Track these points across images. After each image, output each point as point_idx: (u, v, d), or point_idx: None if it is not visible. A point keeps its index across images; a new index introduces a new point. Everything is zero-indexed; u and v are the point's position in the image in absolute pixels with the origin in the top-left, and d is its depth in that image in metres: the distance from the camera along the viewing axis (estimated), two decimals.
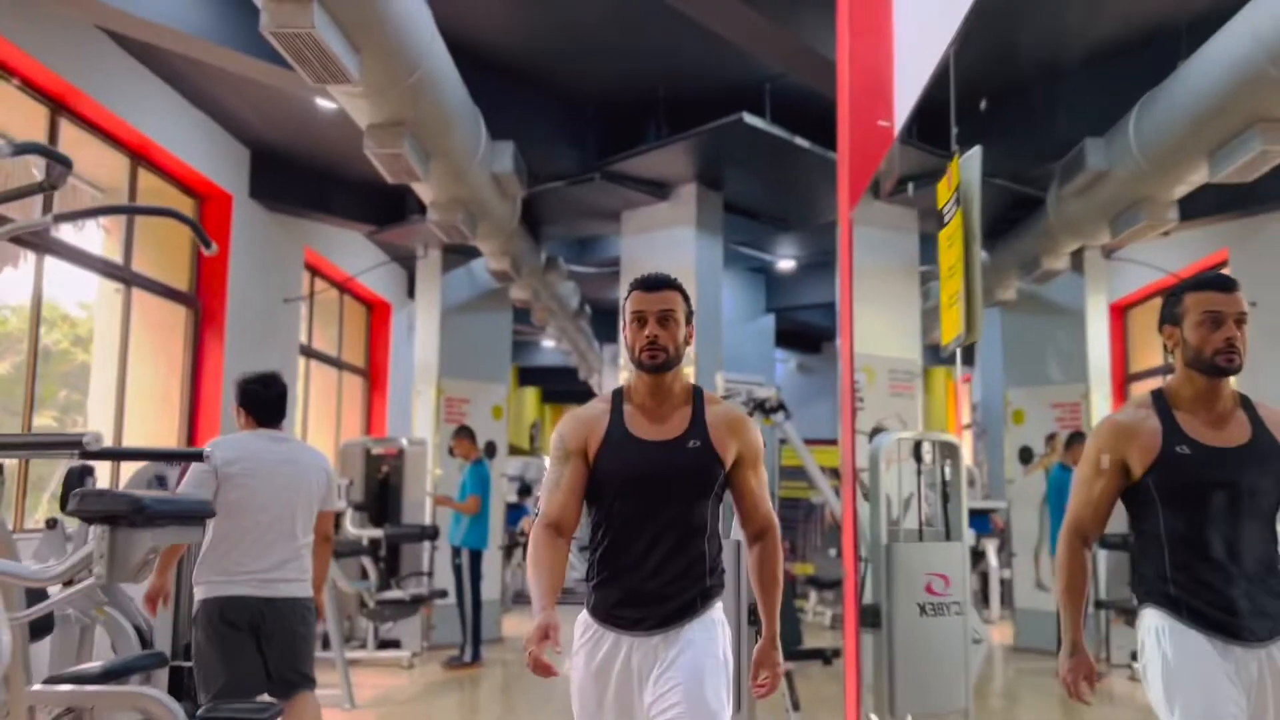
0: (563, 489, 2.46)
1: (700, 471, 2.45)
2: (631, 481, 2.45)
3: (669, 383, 2.50)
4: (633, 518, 2.44)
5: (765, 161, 7.54)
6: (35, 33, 5.43)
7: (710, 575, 2.47)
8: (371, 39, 4.10)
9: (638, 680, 2.42)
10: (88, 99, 6.00)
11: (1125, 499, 2.48)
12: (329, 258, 9.75)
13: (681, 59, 6.81)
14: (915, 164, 7.30)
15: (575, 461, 2.48)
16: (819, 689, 6.56)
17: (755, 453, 2.54)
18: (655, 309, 2.46)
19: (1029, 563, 8.66)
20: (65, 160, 2.97)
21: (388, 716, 6.18)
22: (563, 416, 2.68)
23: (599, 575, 2.48)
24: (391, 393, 11.66)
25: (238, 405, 3.94)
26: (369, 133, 4.97)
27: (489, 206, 6.66)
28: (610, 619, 2.46)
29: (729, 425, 2.50)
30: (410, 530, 8.16)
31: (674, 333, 2.47)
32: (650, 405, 2.51)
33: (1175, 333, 2.43)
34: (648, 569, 2.42)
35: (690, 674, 2.36)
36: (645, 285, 2.51)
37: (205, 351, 7.66)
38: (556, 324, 11.33)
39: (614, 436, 2.48)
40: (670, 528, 2.42)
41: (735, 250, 10.86)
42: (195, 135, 7.27)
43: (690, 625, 2.42)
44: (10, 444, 2.89)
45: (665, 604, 2.42)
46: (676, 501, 2.43)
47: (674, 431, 2.47)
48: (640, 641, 2.42)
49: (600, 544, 2.48)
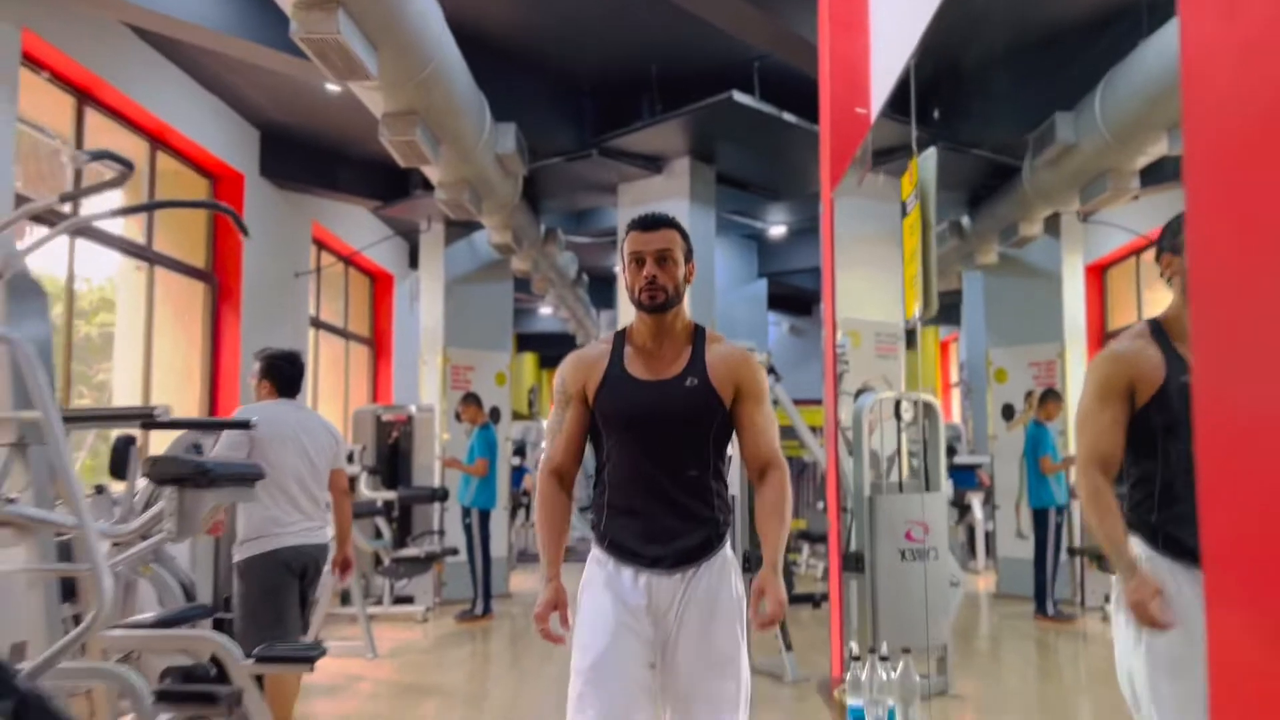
0: (564, 433, 2.49)
1: (697, 410, 2.42)
2: (629, 422, 2.43)
3: (670, 322, 2.47)
4: (635, 458, 2.43)
5: (755, 135, 7.87)
6: (64, 29, 5.75)
7: (717, 513, 2.45)
8: (389, 39, 4.45)
9: (651, 615, 2.41)
10: (111, 88, 6.32)
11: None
12: (335, 232, 10.10)
13: (673, 39, 7.13)
14: (900, 137, 7.64)
15: (576, 404, 2.49)
16: (810, 633, 7.00)
17: (757, 389, 2.48)
18: (653, 249, 2.44)
19: (1011, 514, 9.10)
20: (129, 164, 3.34)
21: (406, 665, 6.61)
22: (565, 358, 2.55)
23: (607, 515, 2.48)
24: (396, 360, 12.05)
25: (261, 377, 4.32)
26: (384, 121, 5.32)
27: (493, 184, 7.02)
28: (625, 555, 2.45)
29: (728, 363, 2.46)
30: (421, 492, 8.57)
31: (672, 272, 2.44)
32: (651, 346, 2.49)
33: (1175, 261, 2.35)
34: (654, 508, 2.41)
35: (706, 617, 2.38)
36: (642, 225, 2.48)
37: (223, 325, 8.02)
38: (555, 292, 11.70)
39: (612, 377, 2.47)
40: (672, 467, 2.40)
41: (728, 219, 11.20)
42: (209, 118, 7.60)
43: (703, 566, 2.42)
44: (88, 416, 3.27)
45: (676, 543, 2.41)
46: (675, 440, 2.41)
47: (672, 370, 2.45)
48: (658, 580, 2.41)
49: (606, 484, 2.48)
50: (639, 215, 2.52)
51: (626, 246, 2.48)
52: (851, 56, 4.26)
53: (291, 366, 4.35)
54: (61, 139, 6.17)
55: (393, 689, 5.88)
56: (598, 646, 2.36)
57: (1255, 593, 1.01)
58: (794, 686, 5.76)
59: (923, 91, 7.80)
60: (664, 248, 2.44)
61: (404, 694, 5.77)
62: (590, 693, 2.33)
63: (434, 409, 9.30)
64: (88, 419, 3.20)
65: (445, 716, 5.31)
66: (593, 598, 2.44)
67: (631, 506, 2.43)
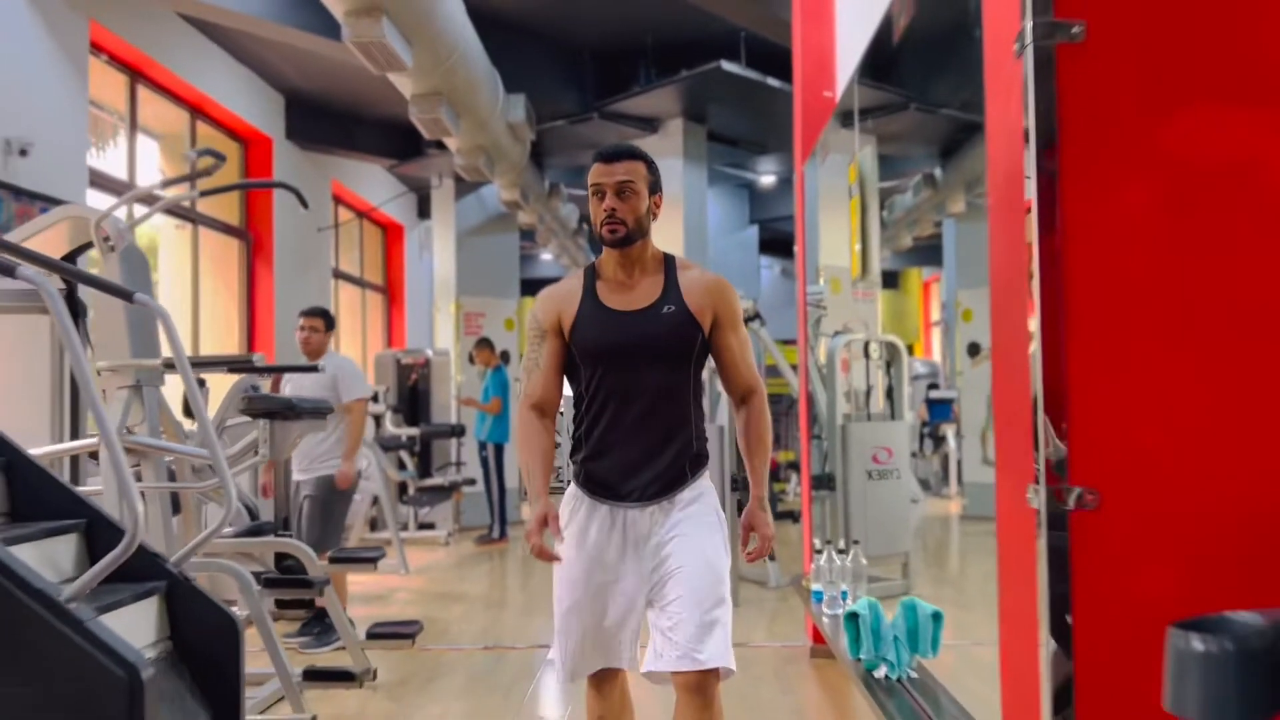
0: (542, 368, 2.46)
1: (676, 336, 2.40)
2: (608, 352, 2.40)
3: (638, 253, 2.43)
4: (613, 389, 2.40)
5: (743, 98, 8.58)
6: (122, 16, 6.42)
7: (696, 442, 2.45)
8: (422, 35, 5.14)
9: (633, 552, 2.41)
10: (158, 65, 7.01)
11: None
12: (351, 188, 10.80)
13: (667, 11, 7.80)
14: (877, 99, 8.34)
15: (551, 339, 2.46)
16: (794, 548, 7.86)
17: (733, 314, 2.47)
18: (613, 180, 2.38)
19: (976, 444, 9.93)
20: (221, 156, 4.09)
21: (435, 579, 7.48)
22: (538, 295, 2.59)
23: (585, 450, 2.46)
24: (408, 306, 12.82)
25: (326, 330, 5.13)
26: (413, 101, 6.03)
27: (505, 149, 7.74)
28: (600, 492, 2.44)
29: (705, 288, 2.43)
30: (441, 428, 9.41)
31: (633, 204, 2.38)
32: (622, 277, 2.45)
33: None
34: (633, 440, 2.40)
35: (689, 538, 2.37)
36: (603, 157, 2.42)
37: (257, 278, 8.78)
38: (557, 242, 12.42)
39: (587, 310, 2.43)
40: (651, 397, 2.40)
41: (720, 171, 11.91)
42: (240, 88, 8.27)
43: (681, 493, 2.42)
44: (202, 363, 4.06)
45: (654, 473, 2.40)
46: (655, 369, 2.40)
47: (647, 299, 2.42)
48: (634, 513, 2.41)
49: (584, 418, 2.46)
50: (603, 147, 2.48)
51: (590, 178, 2.43)
52: (819, 47, 4.98)
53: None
54: (119, 115, 6.88)
55: (426, 597, 6.75)
56: (574, 598, 2.45)
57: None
58: (777, 591, 6.63)
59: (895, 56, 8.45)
60: (624, 179, 2.37)
61: (436, 600, 6.63)
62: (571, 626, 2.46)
63: (449, 353, 10.10)
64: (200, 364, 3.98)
65: (472, 616, 6.16)
66: (569, 560, 2.46)
67: (611, 439, 2.42)
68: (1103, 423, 1.74)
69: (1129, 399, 1.74)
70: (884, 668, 3.13)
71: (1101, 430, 1.73)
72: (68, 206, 4.61)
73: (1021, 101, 1.82)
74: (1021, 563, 1.89)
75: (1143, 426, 1.74)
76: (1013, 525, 2.02)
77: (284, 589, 4.02)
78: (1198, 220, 1.75)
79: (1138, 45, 1.76)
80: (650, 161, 2.47)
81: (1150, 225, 1.75)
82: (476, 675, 4.70)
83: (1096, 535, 1.74)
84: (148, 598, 3.17)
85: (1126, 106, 1.77)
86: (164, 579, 3.27)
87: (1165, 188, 1.76)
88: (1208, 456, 1.73)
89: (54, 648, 2.58)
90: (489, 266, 10.59)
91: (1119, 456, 1.74)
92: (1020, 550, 1.90)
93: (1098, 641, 1.74)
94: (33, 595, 2.59)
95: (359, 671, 3.96)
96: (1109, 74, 1.77)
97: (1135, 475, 1.74)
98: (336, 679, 3.94)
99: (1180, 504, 1.73)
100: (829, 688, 4.47)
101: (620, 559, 2.42)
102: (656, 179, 2.46)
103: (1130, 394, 1.74)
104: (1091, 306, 1.74)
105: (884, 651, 3.13)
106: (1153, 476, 1.74)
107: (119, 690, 2.57)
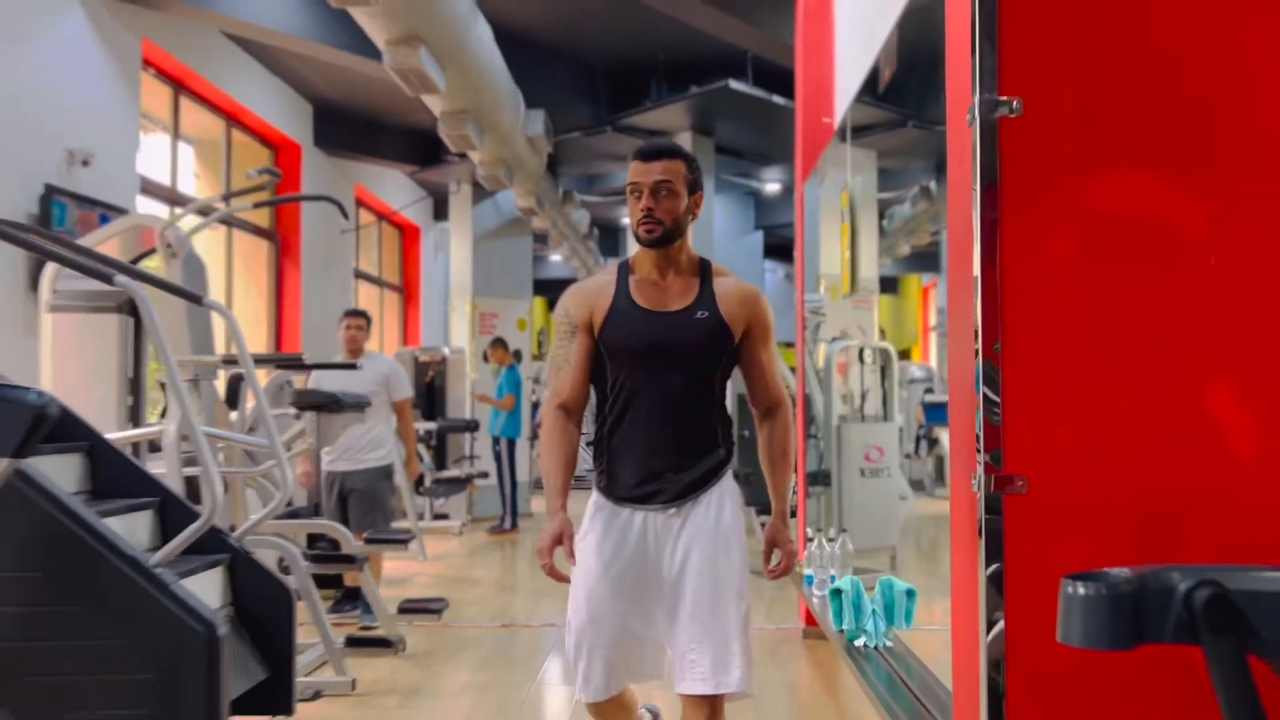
0: (572, 364, 2.41)
1: (708, 342, 2.37)
2: (639, 353, 2.37)
3: (674, 255, 2.40)
4: (641, 391, 2.38)
5: (749, 114, 9.01)
6: (169, 33, 6.86)
7: (720, 448, 2.44)
8: (454, 60, 5.58)
9: (653, 554, 2.39)
10: (199, 78, 7.46)
11: None
12: (373, 192, 11.25)
13: (678, 31, 8.22)
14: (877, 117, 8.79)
15: (582, 335, 2.40)
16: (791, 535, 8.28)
17: (766, 327, 2.45)
18: (650, 180, 2.33)
19: None
20: (277, 173, 4.53)
21: (452, 565, 7.92)
22: (567, 290, 2.55)
23: (609, 450, 2.43)
24: (424, 305, 13.27)
25: (368, 330, 5.59)
26: (442, 118, 6.47)
27: (524, 160, 8.20)
28: (623, 496, 2.41)
29: (739, 298, 2.41)
30: (458, 423, 9.86)
31: (671, 204, 2.34)
32: (656, 277, 2.41)
33: None
34: (658, 443, 2.38)
35: (707, 544, 2.35)
36: (642, 155, 2.38)
37: (285, 278, 9.22)
38: (569, 245, 12.86)
39: (620, 308, 2.39)
40: (679, 400, 2.37)
41: (726, 180, 12.34)
42: (272, 97, 8.72)
43: (702, 497, 2.39)
44: (258, 360, 4.50)
45: (677, 477, 2.37)
46: (684, 373, 2.37)
47: (681, 302, 2.39)
48: (654, 516, 2.38)
49: (608, 418, 2.43)
50: (642, 144, 2.44)
51: (628, 176, 2.39)
52: (819, 76, 5.41)
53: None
54: (163, 124, 7.32)
55: (444, 580, 7.19)
56: (591, 609, 2.40)
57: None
58: (775, 580, 7.05)
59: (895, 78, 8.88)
60: (663, 179, 2.33)
61: (454, 584, 7.07)
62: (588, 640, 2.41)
63: (464, 351, 10.55)
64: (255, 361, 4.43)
65: (488, 598, 6.60)
66: (584, 560, 2.43)
67: (635, 440, 2.39)
68: (1031, 424, 2.15)
69: (1052, 404, 2.15)
70: (864, 638, 3.56)
71: (1030, 430, 2.15)
72: (133, 215, 5.08)
73: (971, 161, 2.24)
74: (967, 538, 2.31)
75: (1063, 426, 2.15)
76: (960, 507, 2.45)
77: (328, 564, 4.46)
78: (1109, 259, 2.16)
79: (1064, 119, 2.18)
80: (691, 160, 2.41)
81: (1071, 263, 2.17)
82: (495, 649, 5.13)
83: (1025, 515, 2.15)
84: (214, 568, 3.62)
85: (1054, 167, 2.19)
86: (227, 552, 3.72)
87: (1084, 232, 2.18)
88: (1114, 450, 2.14)
89: (143, 605, 3.02)
90: (503, 268, 11.04)
91: (1044, 451, 2.15)
92: (966, 528, 2.32)
93: (1025, 601, 2.15)
94: (125, 560, 3.04)
95: (395, 640, 4.40)
96: (1041, 141, 2.19)
97: (1056, 466, 2.15)
98: (375, 646, 4.38)
99: (1091, 489, 2.15)
100: (818, 664, 4.90)
101: (642, 568, 2.39)
102: (697, 177, 2.41)
103: (1053, 400, 2.15)
104: (1022, 329, 2.16)
105: (864, 623, 3.56)
106: (1070, 467, 2.15)
107: (198, 644, 3.02)
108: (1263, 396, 2.11)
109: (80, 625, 2.94)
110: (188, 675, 2.98)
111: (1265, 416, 2.11)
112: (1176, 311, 2.13)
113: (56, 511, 2.90)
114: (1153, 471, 2.14)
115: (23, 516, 2.86)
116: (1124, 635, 1.36)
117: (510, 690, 4.37)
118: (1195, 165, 2.15)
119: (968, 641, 2.33)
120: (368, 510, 5.27)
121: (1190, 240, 2.14)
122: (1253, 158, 2.12)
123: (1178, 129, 2.17)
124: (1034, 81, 2.18)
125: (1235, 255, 2.12)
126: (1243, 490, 2.09)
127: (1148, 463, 2.13)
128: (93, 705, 2.96)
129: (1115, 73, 2.17)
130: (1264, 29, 2.14)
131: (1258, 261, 2.11)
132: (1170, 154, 2.17)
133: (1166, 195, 2.17)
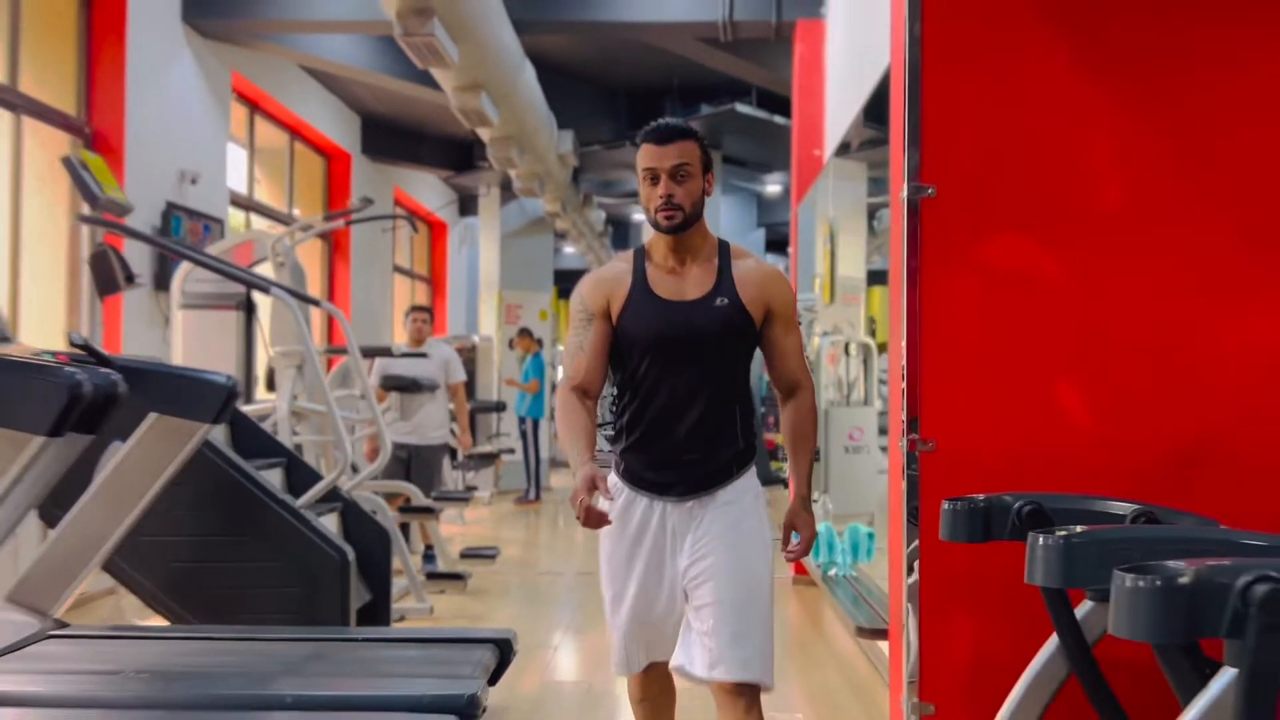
0: (587, 351, 2.36)
1: (728, 331, 2.33)
2: (657, 343, 2.32)
3: (692, 240, 2.34)
4: (660, 380, 2.33)
5: (753, 131, 10.08)
6: (253, 64, 7.92)
7: (742, 438, 2.40)
8: (507, 101, 6.66)
9: (671, 545, 2.36)
10: (270, 98, 8.52)
11: None
12: (408, 193, 12.31)
13: (691, 63, 9.28)
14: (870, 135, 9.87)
15: (598, 323, 2.35)
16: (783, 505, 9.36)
17: (787, 308, 2.41)
18: (668, 164, 2.25)
19: None
20: (371, 201, 5.59)
21: (486, 528, 9.05)
22: (582, 278, 2.48)
23: (628, 440, 2.39)
24: (450, 296, 14.35)
25: (431, 322, 6.63)
26: (491, 143, 7.54)
27: (554, 173, 9.28)
28: (642, 484, 2.38)
29: (759, 281, 2.37)
30: (488, 404, 10.95)
31: (689, 187, 2.27)
32: (673, 264, 2.35)
33: None
34: (678, 433, 2.33)
35: (728, 538, 2.32)
36: (656, 137, 2.28)
37: (336, 274, 10.30)
38: (585, 242, 13.93)
39: (637, 296, 2.33)
40: (699, 389, 2.33)
41: (731, 183, 13.42)
42: (328, 112, 9.78)
43: (724, 490, 2.36)
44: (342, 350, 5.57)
45: (698, 468, 2.34)
46: (705, 362, 2.33)
47: (700, 290, 2.33)
48: (674, 507, 2.35)
49: (627, 408, 2.40)
50: (652, 125, 2.33)
51: (640, 161, 2.30)
52: (812, 115, 6.47)
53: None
54: (241, 142, 8.38)
55: (483, 540, 8.28)
56: (615, 588, 2.43)
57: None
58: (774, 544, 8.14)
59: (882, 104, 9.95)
60: (681, 162, 2.26)
61: (491, 542, 8.16)
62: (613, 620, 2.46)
63: (492, 339, 11.65)
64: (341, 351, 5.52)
65: (522, 553, 7.71)
66: (603, 545, 2.45)
67: (654, 431, 2.36)
68: (939, 401, 3.08)
69: (955, 387, 3.06)
70: (835, 568, 4.64)
71: (939, 406, 3.05)
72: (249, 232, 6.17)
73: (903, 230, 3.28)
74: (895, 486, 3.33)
75: (963, 403, 3.08)
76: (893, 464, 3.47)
77: (412, 514, 5.54)
78: (993, 292, 3.14)
79: (965, 200, 3.18)
80: (701, 138, 2.35)
81: (968, 295, 3.15)
82: (537, 590, 6.22)
83: (934, 468, 3.09)
84: (333, 512, 4.68)
85: (958, 234, 3.20)
86: (340, 501, 4.80)
87: (978, 276, 3.16)
88: (996, 421, 3.13)
89: (291, 536, 4.01)
90: (526, 264, 12.14)
91: (949, 421, 3.08)
92: (895, 478, 3.34)
93: (932, 525, 3.16)
94: (278, 503, 4.04)
95: (465, 575, 5.50)
96: (949, 216, 3.17)
97: (957, 432, 3.08)
98: (448, 579, 5.49)
99: (979, 447, 3.15)
100: (805, 603, 5.99)
101: (661, 551, 2.36)
102: (709, 156, 2.35)
103: (955, 385, 3.07)
104: (935, 339, 3.11)
105: (835, 557, 4.64)
106: (967, 433, 3.04)
107: (334, 566, 4.04)
108: (1097, 385, 3.00)
109: (244, 550, 3.84)
110: (326, 589, 3.90)
111: (1098, 398, 2.96)
112: (1040, 328, 3.06)
113: (226, 465, 3.83)
114: (1022, 435, 2.88)
115: (201, 469, 3.66)
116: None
117: (552, 618, 5.45)
118: (1054, 228, 2.97)
119: (897, 556, 3.34)
120: (430, 475, 6.34)
121: (1051, 280, 3.05)
122: (1093, 222, 3.06)
123: (1042, 204, 3.08)
124: (943, 173, 2.94)
125: (1081, 290, 3.04)
126: (1076, 445, 3.06)
127: (1018, 429, 2.75)
128: (254, 610, 3.84)
129: (1000, 167, 3.09)
130: (1103, 130, 3.07)
131: (1097, 296, 3.05)
132: (1036, 222, 3.09)
133: (1034, 249, 3.17)
